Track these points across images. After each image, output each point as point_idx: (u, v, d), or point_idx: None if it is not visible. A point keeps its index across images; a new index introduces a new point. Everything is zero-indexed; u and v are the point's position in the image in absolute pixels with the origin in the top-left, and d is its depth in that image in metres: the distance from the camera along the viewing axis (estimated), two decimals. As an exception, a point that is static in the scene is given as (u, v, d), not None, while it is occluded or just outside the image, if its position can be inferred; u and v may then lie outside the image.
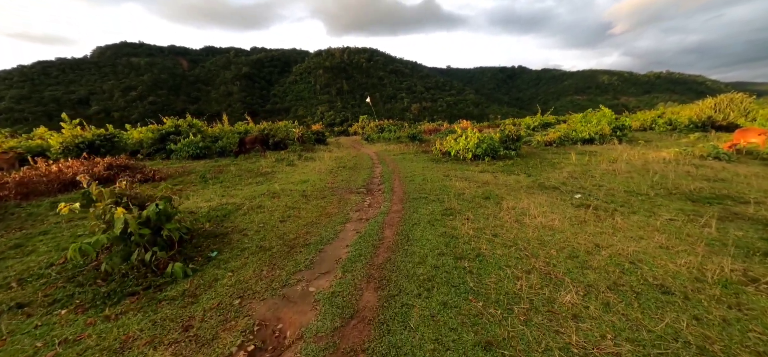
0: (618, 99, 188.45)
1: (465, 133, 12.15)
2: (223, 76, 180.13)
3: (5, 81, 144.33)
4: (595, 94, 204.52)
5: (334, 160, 13.26)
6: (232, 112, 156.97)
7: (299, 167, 11.31)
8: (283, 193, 7.08)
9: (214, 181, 8.77)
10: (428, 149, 15.28)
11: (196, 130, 16.24)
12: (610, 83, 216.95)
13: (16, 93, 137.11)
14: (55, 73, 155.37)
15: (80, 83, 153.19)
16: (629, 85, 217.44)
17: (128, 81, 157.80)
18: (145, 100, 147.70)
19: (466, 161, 11.09)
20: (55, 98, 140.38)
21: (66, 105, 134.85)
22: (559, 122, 30.46)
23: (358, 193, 7.22)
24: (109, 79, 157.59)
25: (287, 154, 14.70)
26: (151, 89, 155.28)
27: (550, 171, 8.69)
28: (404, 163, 11.52)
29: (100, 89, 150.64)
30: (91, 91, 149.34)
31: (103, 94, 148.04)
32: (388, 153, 15.50)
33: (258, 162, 12.35)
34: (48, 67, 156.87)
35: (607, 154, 10.85)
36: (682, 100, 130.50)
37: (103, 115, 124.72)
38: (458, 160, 11.43)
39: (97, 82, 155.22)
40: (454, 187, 7.00)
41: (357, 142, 26.39)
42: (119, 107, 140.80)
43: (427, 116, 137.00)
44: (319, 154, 15.11)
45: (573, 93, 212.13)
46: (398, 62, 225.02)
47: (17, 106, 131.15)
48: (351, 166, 11.46)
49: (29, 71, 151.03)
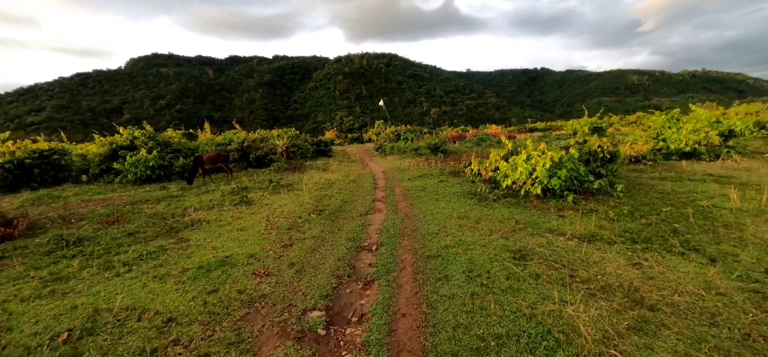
0: (649, 100, 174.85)
1: (522, 148, 7.53)
2: (246, 85, 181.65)
3: (47, 92, 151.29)
4: (625, 95, 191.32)
5: (320, 188, 8.89)
6: (254, 119, 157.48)
7: (256, 207, 7.01)
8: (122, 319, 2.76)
9: (73, 249, 4.61)
10: (458, 168, 10.63)
11: (154, 144, 12.38)
12: (640, 83, 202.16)
13: (57, 103, 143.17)
14: (92, 84, 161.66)
15: (114, 93, 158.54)
16: (661, 85, 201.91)
17: (158, 90, 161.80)
18: (172, 108, 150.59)
19: (530, 199, 6.43)
20: (91, 108, 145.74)
21: (101, 114, 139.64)
22: (608, 126, 24.97)
23: (302, 330, 2.76)
24: (140, 89, 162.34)
25: (264, 177, 10.52)
26: (178, 98, 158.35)
27: (727, 239, 3.96)
28: (425, 200, 6.94)
29: (132, 99, 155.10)
30: (124, 100, 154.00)
31: (134, 103, 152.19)
32: (402, 174, 10.98)
33: (202, 196, 8.18)
34: (86, 79, 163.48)
35: (755, 179, 6.10)
36: (720, 100, 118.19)
37: (134, 123, 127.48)
38: (515, 195, 6.77)
39: (130, 92, 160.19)
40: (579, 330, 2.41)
41: (368, 152, 22.06)
42: (148, 116, 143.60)
43: (446, 120, 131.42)
44: (306, 176, 10.84)
45: (600, 94, 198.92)
46: (417, 67, 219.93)
47: (57, 115, 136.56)
48: (336, 205, 7.01)
49: (69, 83, 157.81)
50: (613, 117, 27.19)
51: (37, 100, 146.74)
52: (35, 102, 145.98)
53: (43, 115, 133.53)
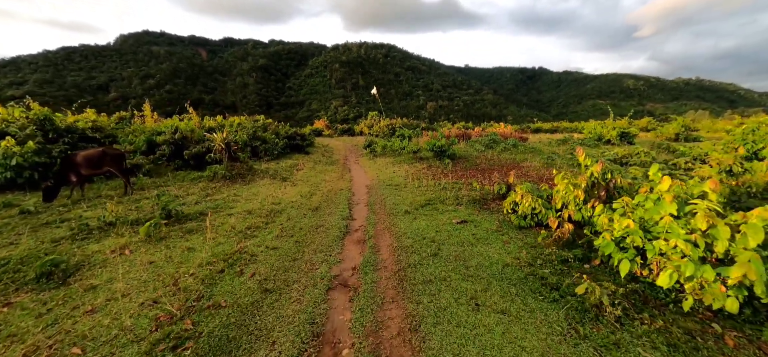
0: (643, 105, 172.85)
1: (636, 180, 3.65)
2: (239, 68, 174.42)
3: (31, 65, 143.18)
4: (620, 98, 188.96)
5: (244, 230, 4.78)
6: (247, 103, 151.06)
7: (64, 295, 2.98)
8: None
9: None
10: (482, 191, 6.63)
11: (34, 131, 8.20)
12: (635, 88, 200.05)
13: (40, 77, 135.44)
14: (78, 59, 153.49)
15: (101, 70, 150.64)
16: (656, 91, 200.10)
17: (148, 69, 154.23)
18: (162, 88, 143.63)
19: (703, 318, 2.54)
20: (77, 84, 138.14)
21: (86, 90, 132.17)
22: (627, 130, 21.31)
23: None
24: (129, 67, 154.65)
25: (147, 205, 6.48)
26: (169, 78, 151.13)
27: None
28: (446, 301, 2.93)
29: (120, 76, 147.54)
30: (111, 77, 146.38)
31: (122, 81, 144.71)
32: (396, 195, 6.95)
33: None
34: (72, 53, 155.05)
35: None
36: (713, 108, 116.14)
37: (121, 101, 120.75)
38: (646, 291, 2.86)
39: (118, 70, 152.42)
40: None
41: (356, 149, 18.00)
42: (136, 95, 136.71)
43: (443, 115, 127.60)
44: (246, 193, 6.81)
45: (596, 97, 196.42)
46: (415, 59, 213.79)
47: (40, 90, 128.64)
48: (243, 302, 3.04)
49: (54, 57, 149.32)
50: (637, 121, 23.65)
51: (19, 73, 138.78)
52: (17, 75, 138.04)
53: (24, 88, 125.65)
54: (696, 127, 25.33)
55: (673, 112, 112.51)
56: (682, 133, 20.51)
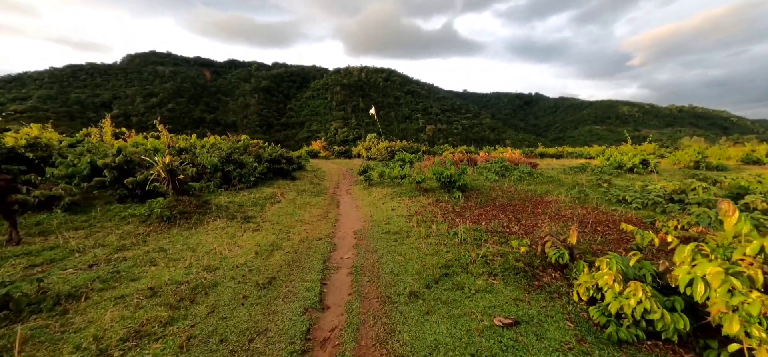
0: (638, 131, 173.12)
1: None
2: (242, 88, 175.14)
3: (36, 81, 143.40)
4: (615, 124, 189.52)
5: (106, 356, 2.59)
6: (248, 123, 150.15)
7: None
8: None
9: None
10: (518, 248, 4.36)
11: None
12: (630, 114, 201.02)
13: (44, 93, 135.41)
14: (84, 77, 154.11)
15: (106, 88, 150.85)
16: (651, 117, 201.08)
17: (151, 88, 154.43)
18: (164, 106, 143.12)
19: None
20: (80, 100, 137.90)
21: (89, 107, 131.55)
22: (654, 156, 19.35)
23: None
24: (133, 85, 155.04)
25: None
26: (171, 96, 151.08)
27: None
28: None
29: (123, 94, 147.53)
30: (114, 95, 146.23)
31: (125, 99, 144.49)
32: (395, 252, 4.66)
33: None
34: (78, 71, 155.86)
35: None
36: (707, 135, 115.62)
37: (122, 119, 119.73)
38: None
39: (122, 88, 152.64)
40: None
41: (351, 173, 15.87)
42: (138, 112, 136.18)
43: (442, 138, 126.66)
44: (171, 250, 4.60)
45: (592, 122, 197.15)
46: (415, 83, 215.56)
47: (43, 105, 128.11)
48: None
49: (60, 74, 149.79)
50: (649, 146, 21.61)
51: (23, 89, 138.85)
52: (22, 90, 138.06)
53: (27, 104, 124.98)
54: (706, 154, 23.26)
55: (668, 138, 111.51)
56: (702, 161, 18.53)
